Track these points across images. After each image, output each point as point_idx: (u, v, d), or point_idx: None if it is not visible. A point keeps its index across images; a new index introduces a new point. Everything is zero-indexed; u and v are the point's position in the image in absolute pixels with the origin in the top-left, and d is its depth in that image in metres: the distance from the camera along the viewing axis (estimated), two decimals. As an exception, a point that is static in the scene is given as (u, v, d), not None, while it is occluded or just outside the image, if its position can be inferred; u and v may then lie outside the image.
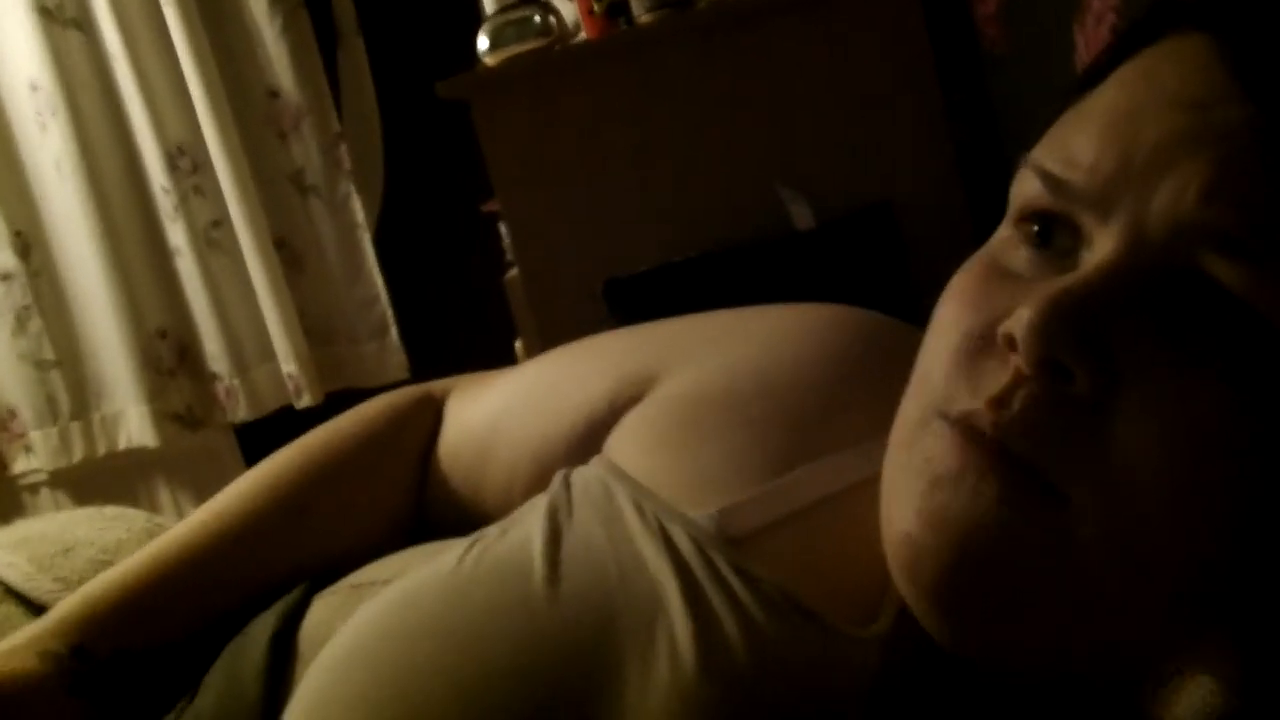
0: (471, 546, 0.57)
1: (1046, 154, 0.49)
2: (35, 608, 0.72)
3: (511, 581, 0.54)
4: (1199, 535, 0.45)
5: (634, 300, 1.65)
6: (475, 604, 0.54)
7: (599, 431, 0.65)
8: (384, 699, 0.52)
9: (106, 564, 0.74)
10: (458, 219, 2.18)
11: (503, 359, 1.89)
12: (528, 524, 0.58)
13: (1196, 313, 0.45)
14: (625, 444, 0.62)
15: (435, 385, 0.80)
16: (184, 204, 2.17)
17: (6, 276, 2.19)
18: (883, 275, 1.59)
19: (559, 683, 0.51)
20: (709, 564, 0.53)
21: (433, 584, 0.56)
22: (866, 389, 0.59)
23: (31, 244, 2.20)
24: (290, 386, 2.18)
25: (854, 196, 1.69)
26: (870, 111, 1.72)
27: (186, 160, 2.18)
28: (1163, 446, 0.44)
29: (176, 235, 2.19)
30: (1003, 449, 0.45)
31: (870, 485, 0.53)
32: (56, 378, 2.23)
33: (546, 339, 1.71)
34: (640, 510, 0.56)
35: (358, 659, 0.54)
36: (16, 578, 0.74)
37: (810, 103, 1.73)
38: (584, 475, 0.60)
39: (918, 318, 0.62)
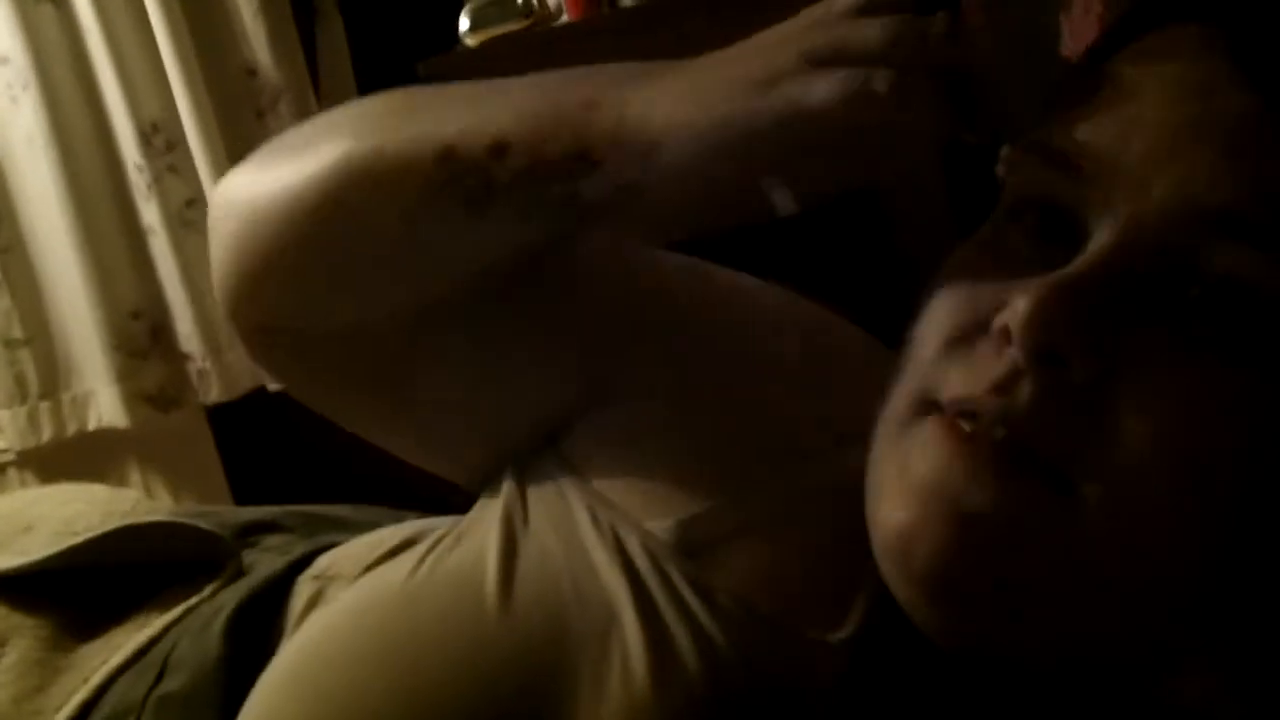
0: (425, 557, 0.56)
1: (1044, 139, 0.48)
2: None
3: (463, 594, 0.54)
4: (1201, 524, 0.45)
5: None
6: (426, 617, 0.53)
7: (557, 428, 0.63)
8: (333, 715, 0.51)
9: (67, 536, 0.72)
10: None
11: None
12: (482, 532, 0.56)
13: (1194, 300, 0.44)
14: (583, 442, 0.61)
15: None
16: (158, 182, 2.14)
17: (-24, 253, 2.15)
18: (867, 261, 1.57)
19: (510, 698, 0.51)
20: (664, 578, 0.53)
21: (384, 596, 0.56)
22: (829, 394, 0.59)
23: (1, 219, 2.16)
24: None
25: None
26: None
27: (161, 138, 2.15)
28: (1163, 434, 0.44)
29: (150, 214, 2.16)
30: (1001, 439, 0.44)
31: (834, 494, 0.53)
32: (26, 356, 2.20)
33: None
34: (595, 519, 0.55)
35: (306, 674, 0.54)
36: None
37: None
38: (537, 475, 0.59)
39: (902, 304, 0.61)
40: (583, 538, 0.54)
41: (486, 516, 0.57)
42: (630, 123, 0.52)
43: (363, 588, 0.57)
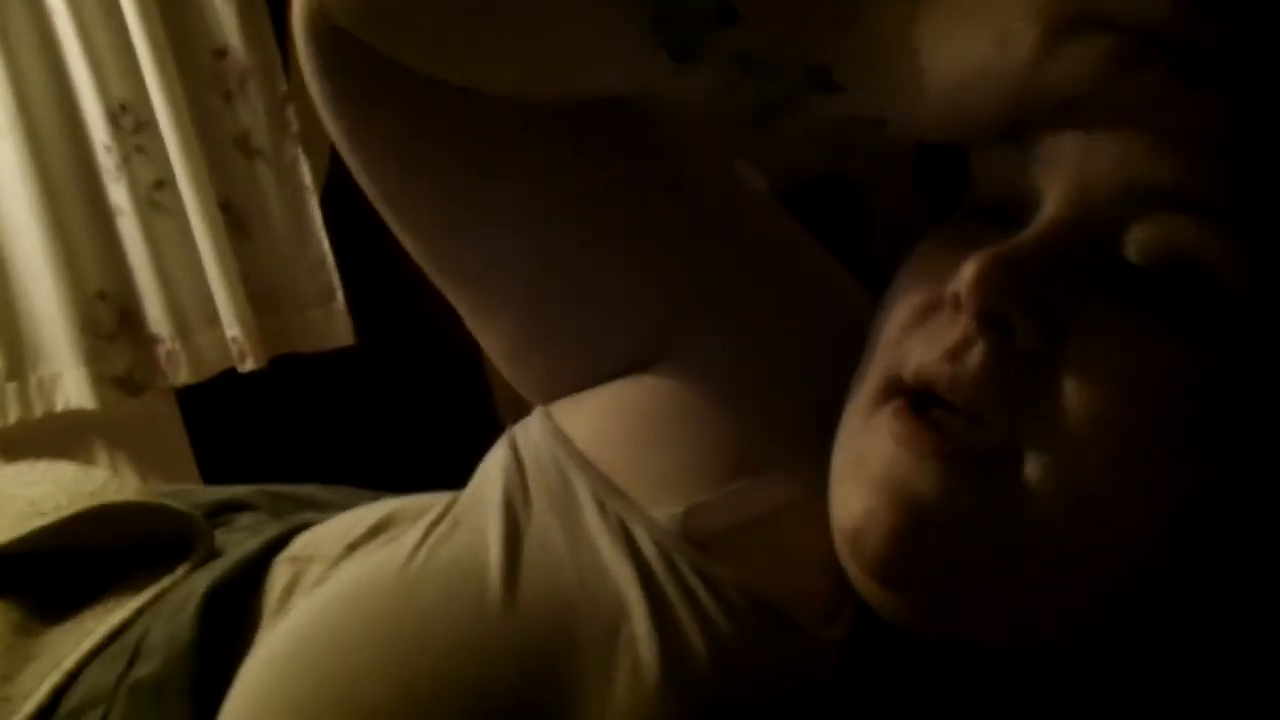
0: (421, 542, 0.55)
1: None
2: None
3: (465, 583, 0.52)
4: (1149, 498, 0.45)
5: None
6: (425, 606, 0.52)
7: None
8: (327, 707, 0.50)
9: (34, 517, 0.71)
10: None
11: (453, 327, 1.86)
12: (480, 517, 0.55)
13: (1139, 273, 0.45)
14: (588, 422, 0.59)
15: None
16: (126, 163, 2.12)
17: (-60, 234, 2.13)
18: (838, 248, 1.57)
19: (515, 695, 0.50)
20: (672, 569, 0.52)
21: (380, 582, 0.54)
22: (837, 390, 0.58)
23: (-34, 201, 2.14)
24: (234, 350, 2.14)
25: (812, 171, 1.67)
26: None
27: (129, 119, 2.13)
28: (1106, 405, 0.44)
29: (118, 195, 2.14)
30: (950, 426, 0.45)
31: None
32: (-8, 338, 2.18)
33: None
34: (601, 507, 0.54)
35: (299, 662, 0.52)
36: None
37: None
38: (537, 451, 0.57)
39: (872, 290, 0.61)
40: (587, 525, 0.53)
41: (483, 499, 0.56)
42: (886, 54, 0.47)
43: (355, 572, 0.56)
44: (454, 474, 0.68)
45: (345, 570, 0.57)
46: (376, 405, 2.39)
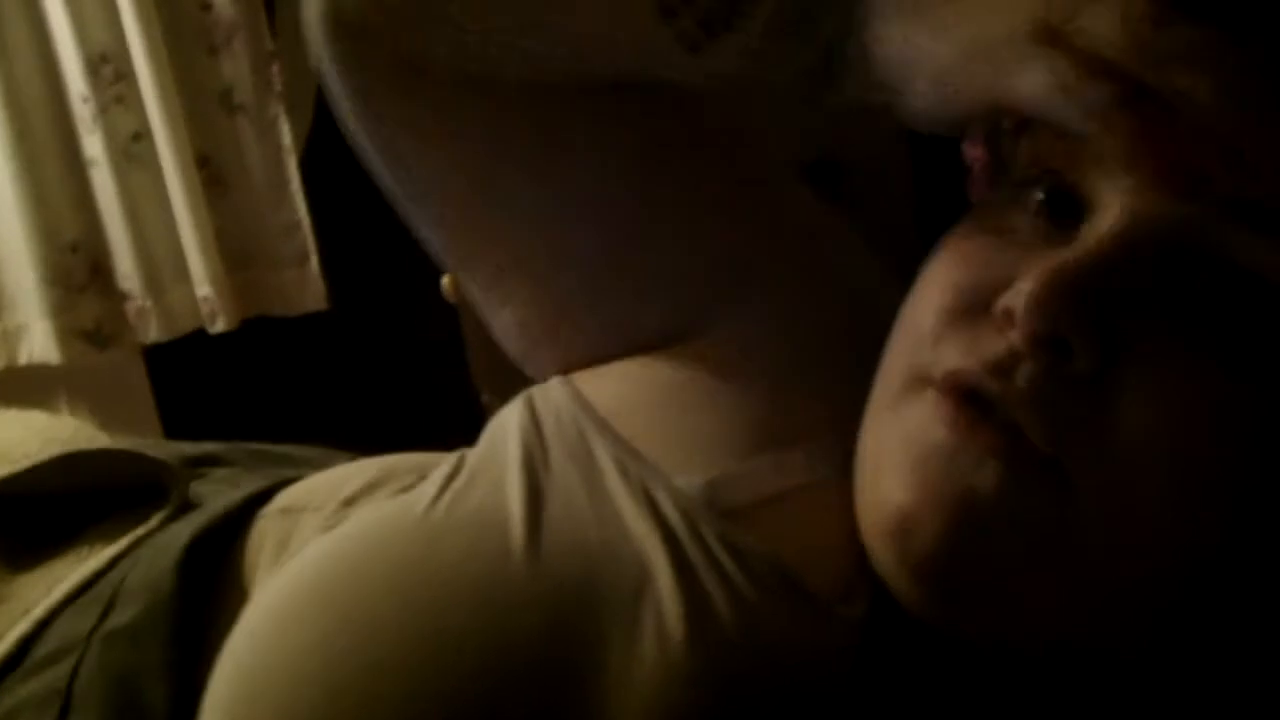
0: (440, 493, 0.53)
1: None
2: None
3: (487, 537, 0.51)
4: (1191, 526, 0.44)
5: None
6: (448, 557, 0.51)
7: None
8: (344, 649, 0.48)
9: (4, 463, 0.69)
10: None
11: (427, 293, 1.84)
12: (498, 473, 0.54)
13: (1201, 289, 0.43)
14: (610, 390, 0.59)
15: None
16: (104, 114, 2.09)
17: (-90, 176, 2.09)
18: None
19: (537, 651, 0.48)
20: (697, 535, 0.50)
21: (400, 530, 0.53)
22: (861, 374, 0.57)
23: (-63, 143, 2.10)
24: (205, 310, 2.12)
25: (801, 155, 1.66)
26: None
27: (109, 69, 2.10)
28: (1163, 425, 0.43)
29: (94, 146, 2.11)
30: (1003, 420, 0.44)
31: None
32: (-43, 286, 2.14)
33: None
34: (624, 471, 0.53)
35: (315, 605, 0.51)
36: None
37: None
38: (557, 413, 0.56)
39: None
40: (609, 488, 0.52)
41: (499, 457, 0.55)
42: (883, 48, 0.49)
43: (371, 518, 0.54)
44: (420, 443, 0.67)
45: (357, 517, 0.56)
46: (345, 371, 2.37)
